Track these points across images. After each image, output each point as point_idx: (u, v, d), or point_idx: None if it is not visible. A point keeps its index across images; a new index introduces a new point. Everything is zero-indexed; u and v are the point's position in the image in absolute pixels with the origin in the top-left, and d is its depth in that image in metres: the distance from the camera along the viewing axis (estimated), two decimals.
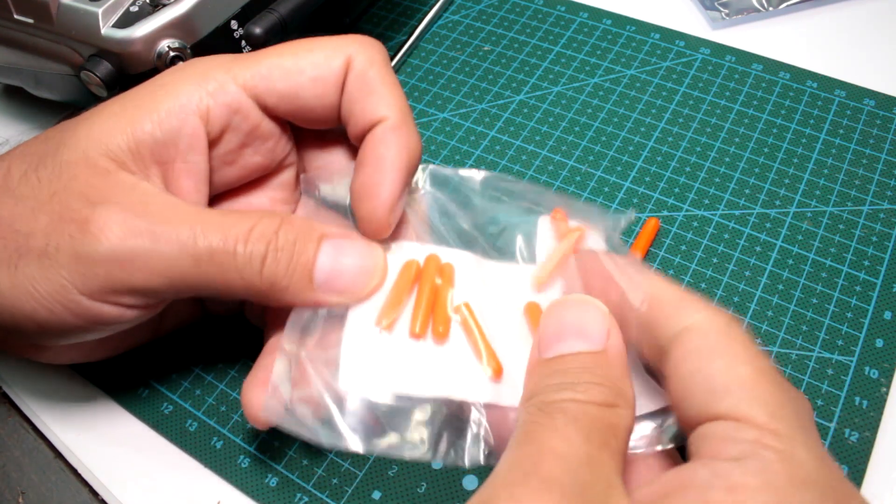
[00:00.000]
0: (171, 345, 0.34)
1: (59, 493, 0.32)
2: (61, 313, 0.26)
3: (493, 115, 0.43)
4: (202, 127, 0.28)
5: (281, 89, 0.28)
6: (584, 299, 0.24)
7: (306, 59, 0.28)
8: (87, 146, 0.27)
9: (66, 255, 0.25)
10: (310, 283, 0.27)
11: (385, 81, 0.29)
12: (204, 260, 0.26)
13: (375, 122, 0.28)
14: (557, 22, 0.48)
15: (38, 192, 0.26)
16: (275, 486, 0.30)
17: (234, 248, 0.26)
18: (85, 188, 0.26)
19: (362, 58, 0.28)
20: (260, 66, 0.29)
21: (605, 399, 0.21)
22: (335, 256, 0.27)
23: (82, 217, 0.25)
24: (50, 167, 0.27)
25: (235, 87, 0.28)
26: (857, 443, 0.30)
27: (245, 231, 0.26)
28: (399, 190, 0.28)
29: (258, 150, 0.30)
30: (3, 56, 0.40)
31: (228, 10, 0.37)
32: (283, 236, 0.26)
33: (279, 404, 0.26)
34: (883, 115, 0.40)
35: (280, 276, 0.26)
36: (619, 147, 0.41)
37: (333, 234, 0.28)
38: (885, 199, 0.37)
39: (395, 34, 0.48)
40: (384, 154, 0.28)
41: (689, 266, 0.35)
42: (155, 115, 0.27)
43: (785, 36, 0.45)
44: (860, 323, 0.33)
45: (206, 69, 0.29)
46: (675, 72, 0.44)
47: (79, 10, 0.35)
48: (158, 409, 0.33)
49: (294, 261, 0.27)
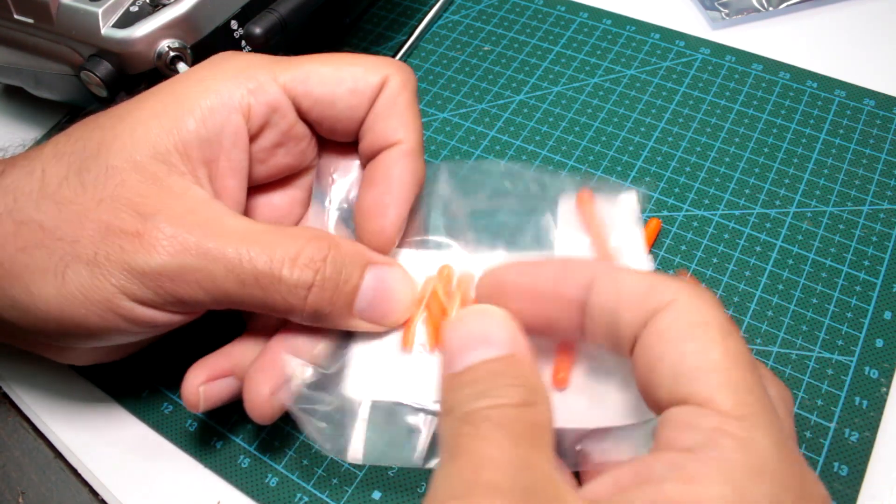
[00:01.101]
0: (171, 345, 0.34)
1: (59, 493, 0.32)
2: (112, 319, 0.26)
3: (493, 115, 0.43)
4: (244, 124, 0.28)
5: (318, 95, 0.29)
6: (483, 309, 0.24)
7: (347, 71, 0.29)
8: (134, 149, 0.27)
9: (116, 265, 0.26)
10: (350, 309, 0.28)
11: (411, 108, 0.30)
12: (249, 282, 0.26)
13: (392, 144, 0.29)
14: (557, 22, 0.48)
15: (82, 198, 0.26)
16: (275, 486, 0.30)
17: (280, 272, 0.26)
18: (134, 196, 0.26)
19: (397, 80, 0.29)
20: (299, 70, 0.29)
21: (523, 399, 0.21)
22: (377, 286, 0.28)
23: (133, 229, 0.26)
24: (94, 171, 0.27)
25: (276, 87, 0.29)
26: (857, 443, 0.30)
27: (293, 254, 0.26)
28: (406, 211, 0.29)
29: (290, 150, 0.30)
30: (3, 56, 0.40)
31: (228, 10, 0.37)
32: (330, 265, 0.27)
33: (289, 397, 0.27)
34: (883, 115, 0.40)
35: (324, 305, 0.27)
36: (619, 147, 0.41)
37: (377, 262, 0.28)
38: (885, 199, 0.37)
39: (395, 34, 0.48)
40: (397, 175, 0.29)
41: (689, 266, 0.35)
42: (198, 112, 0.27)
43: (785, 36, 0.45)
44: (860, 323, 0.33)
45: (244, 66, 0.29)
46: (675, 72, 0.44)
47: (79, 10, 0.35)
48: (158, 409, 0.33)
49: (339, 289, 0.27)
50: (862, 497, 0.29)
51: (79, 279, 0.26)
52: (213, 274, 0.26)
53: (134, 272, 0.25)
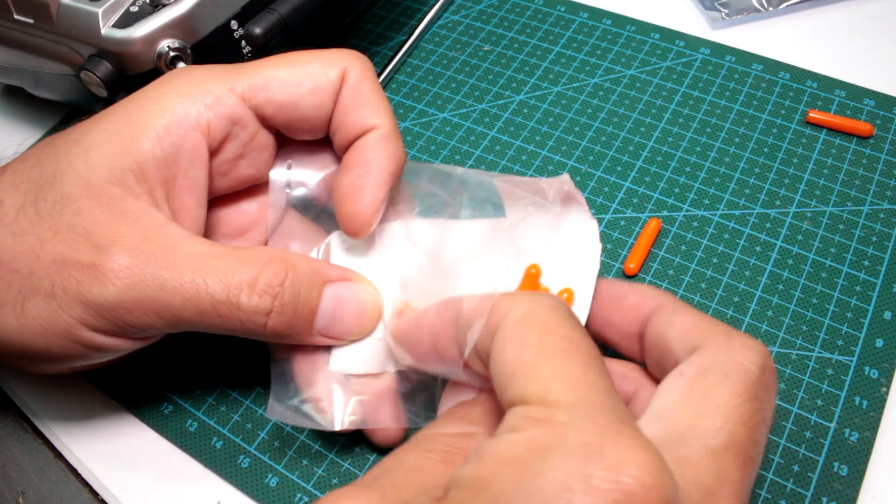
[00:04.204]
0: (170, 345, 0.34)
1: (59, 493, 0.32)
2: (75, 347, 0.27)
3: (493, 115, 0.43)
4: (203, 141, 0.28)
5: (280, 100, 0.29)
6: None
7: (304, 71, 0.29)
8: (88, 174, 0.27)
9: (73, 297, 0.26)
10: (310, 329, 0.28)
11: (377, 94, 0.30)
12: (207, 311, 0.26)
13: (367, 130, 0.29)
14: (557, 22, 0.48)
15: (38, 229, 0.26)
16: (275, 486, 0.30)
17: (238, 300, 0.26)
18: (90, 225, 0.26)
19: (356, 71, 0.29)
20: (256, 78, 0.29)
21: None
22: (336, 305, 0.28)
23: (88, 262, 0.26)
24: (50, 201, 0.27)
25: (234, 98, 0.28)
26: (857, 443, 0.30)
27: (250, 280, 0.26)
28: (384, 193, 0.29)
29: (253, 161, 0.30)
30: (3, 56, 0.40)
31: (228, 10, 0.37)
32: (289, 289, 0.27)
33: (282, 406, 0.28)
34: (883, 115, 0.40)
35: (283, 328, 0.27)
36: (619, 147, 0.41)
37: (334, 278, 0.28)
38: (885, 199, 0.37)
39: (395, 34, 0.48)
40: (374, 158, 0.29)
41: (689, 266, 0.35)
42: (153, 133, 0.27)
43: (785, 36, 0.45)
44: (860, 323, 0.33)
45: (200, 80, 0.28)
46: (675, 72, 0.44)
47: (79, 10, 0.35)
48: (158, 409, 0.33)
49: (298, 312, 0.27)
50: (862, 497, 0.29)
51: (37, 311, 0.26)
52: (170, 304, 0.26)
53: (90, 304, 0.26)
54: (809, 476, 0.29)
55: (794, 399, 0.31)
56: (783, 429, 0.30)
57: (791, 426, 0.30)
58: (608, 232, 0.37)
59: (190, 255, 0.26)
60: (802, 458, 0.30)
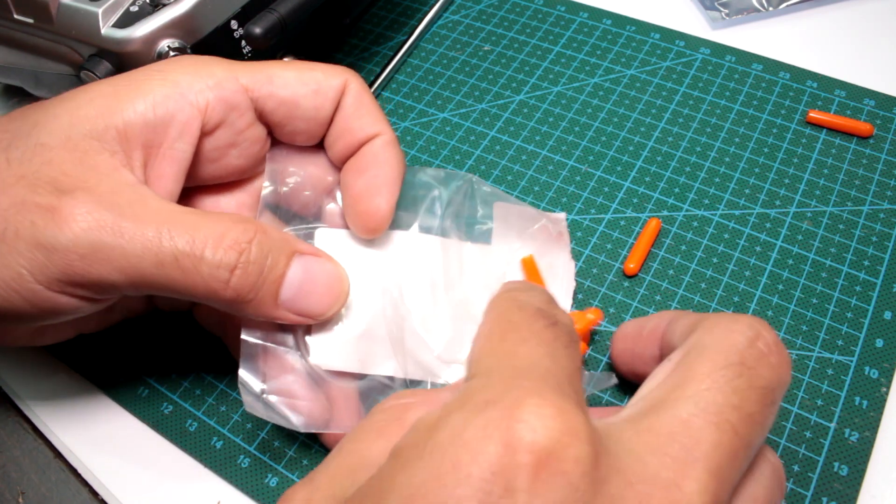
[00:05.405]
0: (171, 345, 0.34)
1: (59, 493, 0.32)
2: (15, 300, 0.25)
3: (493, 115, 0.43)
4: (198, 118, 0.28)
5: (283, 95, 0.29)
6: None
7: (308, 75, 0.30)
8: (71, 126, 0.26)
9: (25, 241, 0.25)
10: (275, 299, 0.27)
11: (377, 105, 0.31)
12: (167, 262, 0.25)
13: (371, 137, 0.30)
14: (557, 22, 0.48)
15: (4, 175, 0.25)
16: (275, 486, 0.30)
17: (202, 252, 0.25)
18: (58, 175, 0.25)
19: (357, 83, 0.31)
20: (261, 73, 0.29)
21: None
22: (304, 276, 0.27)
23: (48, 204, 0.25)
24: (21, 149, 0.26)
25: (236, 85, 0.29)
26: (857, 443, 0.30)
27: (217, 236, 0.25)
28: (397, 194, 0.30)
29: (243, 152, 0.30)
30: (3, 56, 0.40)
31: (228, 10, 0.37)
32: (256, 248, 0.26)
33: (251, 396, 0.28)
34: (883, 115, 0.40)
35: (247, 290, 0.26)
36: (619, 147, 0.41)
37: (305, 251, 0.28)
38: (885, 199, 0.37)
39: (395, 34, 0.48)
40: (385, 160, 0.30)
41: (689, 266, 0.35)
42: (150, 98, 0.27)
43: (785, 36, 0.45)
44: (860, 323, 0.33)
45: (206, 64, 0.29)
46: (675, 72, 0.44)
47: (79, 10, 0.35)
48: (158, 409, 0.33)
49: (264, 275, 0.26)
50: (862, 497, 0.29)
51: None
52: (128, 253, 0.25)
53: (42, 248, 0.24)
54: (809, 476, 0.29)
55: (794, 399, 0.31)
56: (783, 429, 0.30)
57: (791, 426, 0.30)
58: (608, 232, 0.37)
59: (157, 210, 0.26)
60: (802, 458, 0.30)
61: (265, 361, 0.29)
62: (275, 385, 0.28)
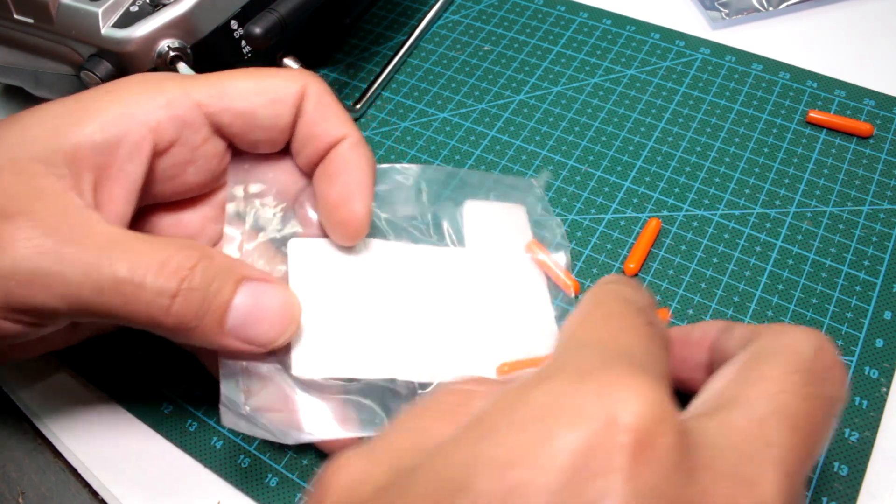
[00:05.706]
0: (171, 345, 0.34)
1: (59, 493, 0.32)
2: None
3: (493, 115, 0.43)
4: (149, 138, 0.28)
5: (238, 108, 0.29)
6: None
7: (264, 83, 0.29)
8: (19, 148, 0.26)
9: None
10: (220, 327, 0.26)
11: (339, 106, 0.30)
12: (107, 289, 0.24)
13: (338, 140, 0.30)
14: (557, 22, 0.48)
15: None
16: (275, 486, 0.30)
17: (143, 279, 0.25)
18: (2, 198, 0.25)
19: (316, 86, 0.30)
20: (215, 87, 0.29)
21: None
22: (252, 303, 0.26)
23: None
24: None
25: (189, 102, 0.28)
26: (857, 443, 0.30)
27: (159, 262, 0.25)
28: (372, 194, 0.30)
29: (201, 169, 0.30)
30: (3, 56, 0.40)
31: (228, 10, 0.37)
32: (199, 274, 0.25)
33: (234, 414, 0.27)
34: (883, 115, 0.40)
35: (189, 318, 0.25)
36: (619, 147, 0.41)
37: (253, 277, 0.27)
38: (885, 199, 0.37)
39: (395, 34, 0.48)
40: (356, 165, 0.29)
41: (689, 266, 0.35)
42: (99, 119, 0.27)
43: (785, 36, 0.45)
44: (860, 323, 0.33)
45: (158, 82, 0.28)
46: (675, 72, 0.44)
47: (79, 10, 0.35)
48: (158, 409, 0.33)
49: (207, 302, 0.25)
50: (862, 497, 0.29)
51: None
52: (68, 279, 0.24)
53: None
54: (809, 476, 0.29)
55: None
56: None
57: None
58: (608, 232, 0.37)
59: (100, 235, 0.25)
60: None
61: (247, 376, 0.28)
62: (257, 401, 0.27)
